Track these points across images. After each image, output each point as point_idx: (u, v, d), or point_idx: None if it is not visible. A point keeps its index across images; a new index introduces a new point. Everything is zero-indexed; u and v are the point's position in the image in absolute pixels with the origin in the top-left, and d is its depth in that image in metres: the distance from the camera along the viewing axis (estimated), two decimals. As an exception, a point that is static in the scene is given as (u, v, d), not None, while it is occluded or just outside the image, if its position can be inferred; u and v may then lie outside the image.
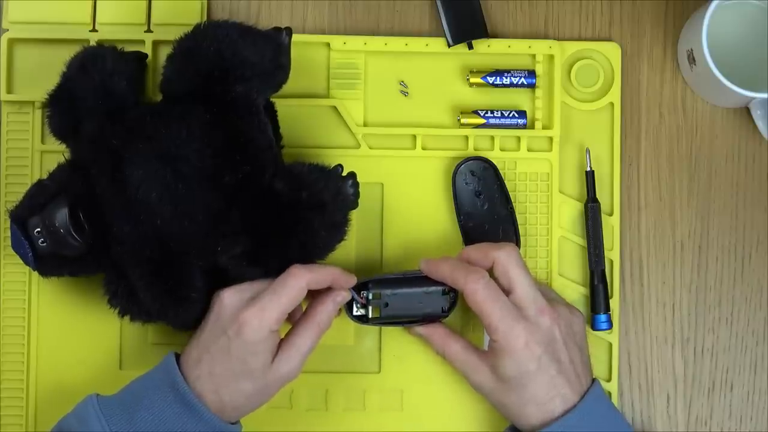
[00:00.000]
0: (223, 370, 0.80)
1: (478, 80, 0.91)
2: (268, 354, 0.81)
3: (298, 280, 0.81)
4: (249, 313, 0.79)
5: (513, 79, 0.91)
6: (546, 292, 0.87)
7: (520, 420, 0.83)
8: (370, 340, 0.91)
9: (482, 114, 0.91)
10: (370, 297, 0.86)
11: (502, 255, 0.83)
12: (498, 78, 0.91)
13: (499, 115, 0.91)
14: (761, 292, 0.92)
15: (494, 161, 0.92)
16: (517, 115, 0.91)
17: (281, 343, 0.82)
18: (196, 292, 0.81)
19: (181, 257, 0.80)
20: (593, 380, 0.85)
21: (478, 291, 0.82)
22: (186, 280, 0.81)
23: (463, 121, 0.91)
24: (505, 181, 0.91)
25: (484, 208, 0.91)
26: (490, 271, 0.84)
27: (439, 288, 0.86)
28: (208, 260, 0.81)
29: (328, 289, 0.84)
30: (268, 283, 0.81)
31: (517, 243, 0.91)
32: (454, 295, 0.87)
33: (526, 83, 0.92)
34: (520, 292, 0.83)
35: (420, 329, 0.88)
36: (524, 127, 0.91)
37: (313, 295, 0.84)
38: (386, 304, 0.86)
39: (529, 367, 0.81)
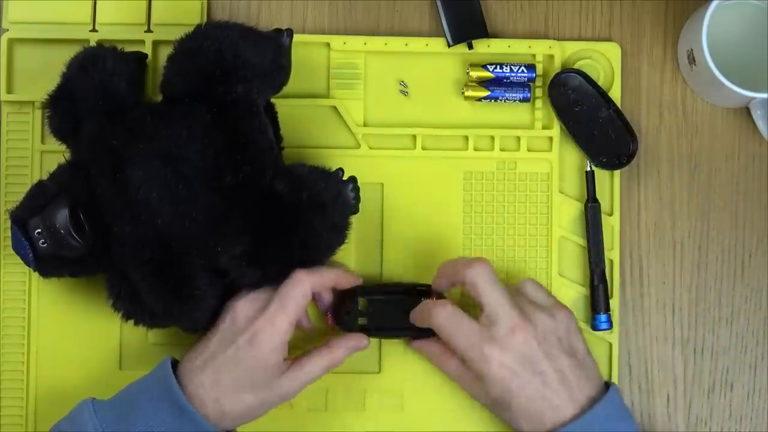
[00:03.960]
0: (228, 380, 0.80)
1: (479, 72, 0.91)
2: (276, 368, 0.81)
3: (301, 286, 0.82)
4: (260, 325, 0.80)
5: (513, 67, 0.91)
6: (526, 297, 0.85)
7: (518, 429, 0.83)
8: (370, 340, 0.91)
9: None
10: (358, 306, 0.87)
11: (470, 273, 0.83)
12: (498, 67, 0.91)
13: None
14: (761, 292, 0.92)
15: (494, 161, 0.92)
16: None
17: (292, 363, 0.83)
18: (200, 289, 0.81)
19: (182, 257, 0.80)
20: (605, 384, 0.84)
21: (443, 324, 0.82)
22: (188, 279, 0.81)
23: (467, 93, 0.91)
24: (507, 182, 0.91)
25: (586, 115, 0.90)
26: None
27: (416, 293, 0.87)
28: (209, 260, 0.81)
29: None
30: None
31: (633, 141, 0.90)
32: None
33: (526, 75, 0.91)
34: (489, 311, 0.82)
35: (416, 345, 0.88)
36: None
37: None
38: (371, 314, 0.87)
39: (510, 386, 0.81)
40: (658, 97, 0.94)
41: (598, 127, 0.91)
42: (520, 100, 0.91)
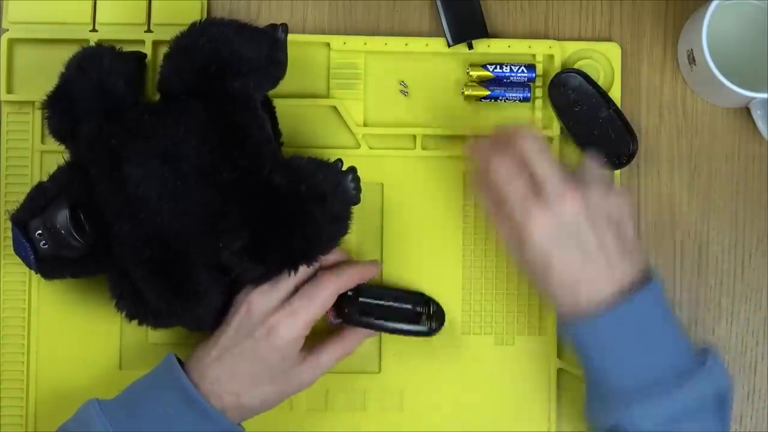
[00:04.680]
0: (246, 372, 0.81)
1: (479, 72, 0.91)
2: (293, 359, 0.82)
3: (329, 289, 0.83)
4: (280, 317, 0.81)
5: (513, 67, 0.91)
6: (585, 172, 0.82)
7: (555, 303, 0.80)
8: (370, 340, 0.90)
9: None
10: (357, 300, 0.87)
11: (521, 142, 0.80)
12: (498, 67, 0.91)
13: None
14: (761, 292, 0.92)
15: (494, 161, 0.92)
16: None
17: (308, 353, 0.83)
18: (202, 286, 0.81)
19: (182, 255, 0.80)
20: (646, 275, 0.80)
21: (498, 176, 0.80)
22: (189, 276, 0.81)
23: (467, 93, 0.91)
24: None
25: (586, 115, 0.90)
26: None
27: (413, 308, 0.88)
28: (210, 257, 0.81)
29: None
30: (292, 284, 0.83)
31: (633, 141, 0.90)
32: (435, 310, 0.88)
33: (526, 75, 0.91)
34: (539, 179, 0.79)
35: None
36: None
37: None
38: (363, 312, 0.87)
39: (549, 250, 0.78)
40: (658, 97, 0.94)
41: (598, 127, 0.91)
42: (520, 100, 0.91)
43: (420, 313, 0.88)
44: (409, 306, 0.88)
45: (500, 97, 0.91)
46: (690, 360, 0.79)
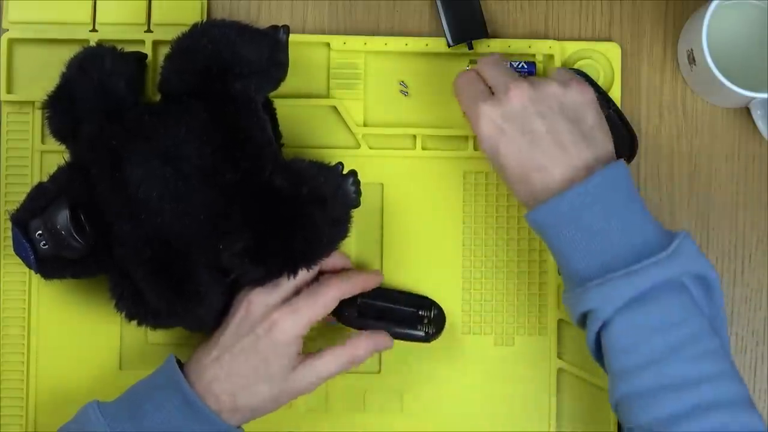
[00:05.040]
0: (244, 370, 0.81)
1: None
2: (291, 360, 0.82)
3: (334, 291, 0.83)
4: (282, 313, 0.81)
5: (513, 63, 0.91)
6: (543, 77, 0.84)
7: (515, 195, 0.82)
8: (371, 340, 0.91)
9: None
10: (357, 302, 0.87)
11: (481, 62, 0.85)
12: None
13: (508, 65, 0.91)
14: (761, 292, 0.92)
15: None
16: (525, 66, 0.91)
17: (308, 358, 0.83)
18: (202, 287, 0.81)
19: (183, 256, 0.80)
20: (608, 160, 0.80)
21: (458, 83, 0.85)
22: (190, 277, 0.81)
23: None
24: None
25: None
26: None
27: (414, 311, 0.88)
28: (211, 258, 0.81)
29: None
30: (293, 285, 0.83)
31: (633, 141, 0.90)
32: (435, 314, 0.88)
33: (526, 71, 0.91)
34: (490, 79, 0.83)
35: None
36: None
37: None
38: (362, 313, 0.87)
39: (497, 143, 0.80)
40: (658, 97, 0.94)
41: None
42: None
43: (422, 317, 0.88)
44: (409, 309, 0.88)
45: None
46: (655, 242, 0.77)
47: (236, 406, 0.81)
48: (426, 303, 0.89)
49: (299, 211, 0.80)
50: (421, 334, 0.87)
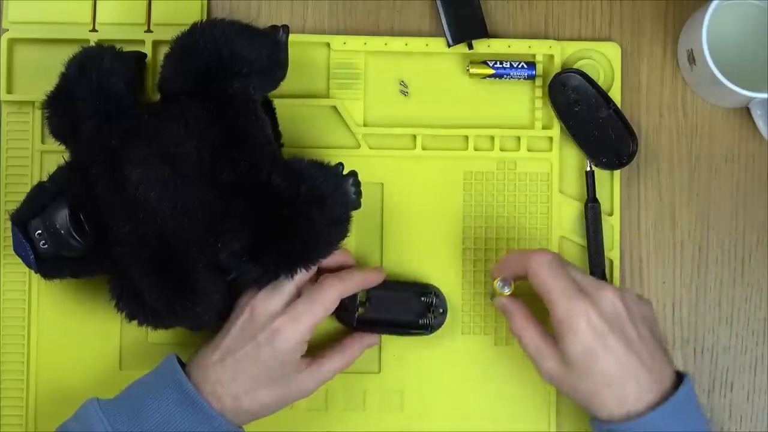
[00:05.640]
0: (247, 375, 0.81)
1: (480, 70, 0.91)
2: (294, 365, 0.82)
3: (332, 292, 0.83)
4: (283, 321, 0.81)
5: (513, 63, 0.91)
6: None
7: (596, 407, 0.79)
8: (371, 340, 0.91)
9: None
10: (356, 302, 0.87)
11: (532, 263, 0.80)
12: (499, 63, 0.91)
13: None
14: (761, 292, 0.92)
15: (494, 161, 0.92)
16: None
17: (311, 360, 0.84)
18: (201, 286, 0.81)
19: (182, 255, 0.80)
20: (678, 373, 0.80)
21: (542, 267, 0.80)
22: (189, 277, 0.81)
23: (472, 71, 0.91)
24: (507, 182, 0.92)
25: (586, 115, 0.90)
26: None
27: (416, 292, 0.88)
28: (210, 257, 0.81)
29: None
30: (294, 288, 0.83)
31: (633, 139, 0.90)
32: (436, 302, 0.88)
33: (526, 73, 0.91)
34: (577, 277, 0.80)
35: (506, 302, 0.84)
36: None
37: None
38: (365, 305, 0.87)
39: (594, 344, 0.77)
40: (658, 97, 0.94)
41: (598, 127, 0.91)
42: (525, 78, 0.91)
43: (429, 304, 0.88)
44: (411, 296, 0.88)
45: (505, 75, 0.91)
46: None
47: (239, 408, 0.81)
48: (428, 290, 0.89)
49: (297, 211, 0.80)
50: (425, 321, 0.88)
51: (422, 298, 0.88)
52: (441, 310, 0.89)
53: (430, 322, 0.88)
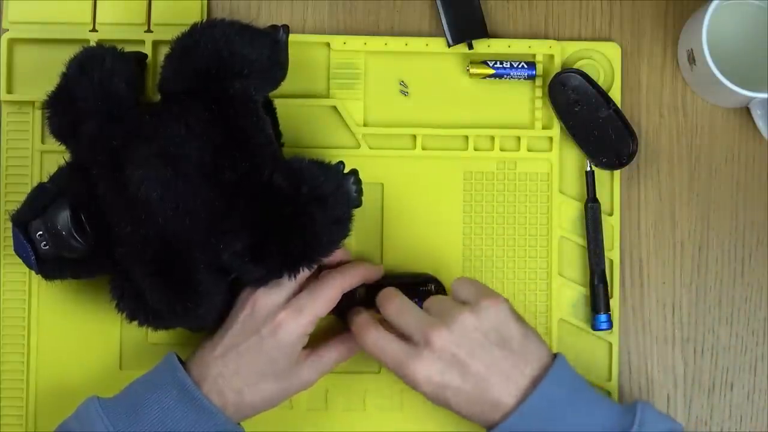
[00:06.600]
0: (249, 369, 0.81)
1: (480, 70, 0.91)
2: (296, 357, 0.83)
3: (335, 286, 0.83)
4: (286, 314, 0.82)
5: (513, 63, 0.91)
6: (453, 300, 0.83)
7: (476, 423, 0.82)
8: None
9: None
10: (356, 296, 0.87)
11: (381, 302, 0.83)
12: (499, 63, 0.91)
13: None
14: (761, 292, 0.92)
15: (494, 161, 0.92)
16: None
17: (311, 352, 0.84)
18: (203, 287, 0.81)
19: (183, 255, 0.80)
20: (545, 363, 0.81)
21: (370, 348, 0.82)
22: (190, 277, 0.81)
23: (472, 71, 0.91)
24: (507, 182, 0.92)
25: (586, 115, 0.90)
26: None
27: (415, 282, 0.88)
28: (211, 257, 0.81)
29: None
30: (297, 282, 0.83)
31: (633, 139, 0.90)
32: (436, 290, 0.88)
33: (526, 73, 0.91)
34: (402, 327, 0.82)
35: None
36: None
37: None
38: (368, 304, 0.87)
39: (445, 396, 0.80)
40: (658, 97, 0.94)
41: (598, 127, 0.91)
42: (525, 78, 0.91)
43: (429, 292, 0.88)
44: (410, 288, 0.88)
45: (505, 75, 0.91)
46: (618, 421, 0.79)
47: (242, 402, 0.81)
48: (426, 278, 0.89)
49: (299, 210, 0.80)
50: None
51: (421, 288, 0.88)
52: (434, 288, 0.89)
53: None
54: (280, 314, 0.82)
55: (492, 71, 0.91)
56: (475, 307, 0.81)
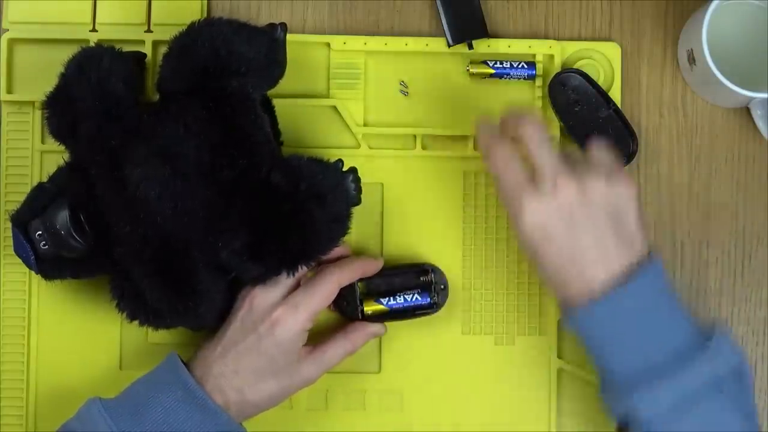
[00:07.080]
0: (250, 368, 0.81)
1: (480, 69, 0.91)
2: (297, 354, 0.83)
3: (331, 281, 0.83)
4: (283, 311, 0.82)
5: (513, 63, 0.91)
6: (589, 160, 0.80)
7: (554, 294, 0.80)
8: (371, 340, 0.90)
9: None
10: (357, 293, 0.88)
11: (522, 130, 0.79)
12: (499, 62, 0.91)
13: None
14: (761, 291, 0.92)
15: (494, 161, 0.92)
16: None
17: (312, 349, 0.84)
18: (202, 285, 0.81)
19: (182, 254, 0.80)
20: (645, 260, 0.78)
21: (495, 161, 0.79)
22: (190, 276, 0.81)
23: (472, 71, 0.91)
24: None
25: (586, 115, 0.90)
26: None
27: (414, 273, 0.89)
28: (210, 256, 0.81)
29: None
30: (295, 281, 0.83)
31: (633, 140, 0.90)
32: (436, 279, 0.88)
33: (526, 73, 0.91)
34: (537, 164, 0.78)
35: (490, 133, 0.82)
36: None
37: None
38: (367, 293, 0.88)
39: (536, 241, 0.77)
40: (658, 97, 0.94)
41: (598, 127, 0.91)
42: (525, 78, 0.91)
43: (429, 282, 0.88)
44: (410, 279, 0.88)
45: (505, 75, 0.91)
46: (693, 341, 0.77)
47: (244, 401, 0.81)
48: (425, 268, 0.89)
49: (298, 208, 0.81)
50: (427, 301, 0.88)
51: (421, 278, 0.89)
52: (442, 286, 0.89)
53: (435, 300, 0.88)
54: (277, 311, 0.82)
55: (492, 71, 0.91)
56: (611, 179, 0.79)
